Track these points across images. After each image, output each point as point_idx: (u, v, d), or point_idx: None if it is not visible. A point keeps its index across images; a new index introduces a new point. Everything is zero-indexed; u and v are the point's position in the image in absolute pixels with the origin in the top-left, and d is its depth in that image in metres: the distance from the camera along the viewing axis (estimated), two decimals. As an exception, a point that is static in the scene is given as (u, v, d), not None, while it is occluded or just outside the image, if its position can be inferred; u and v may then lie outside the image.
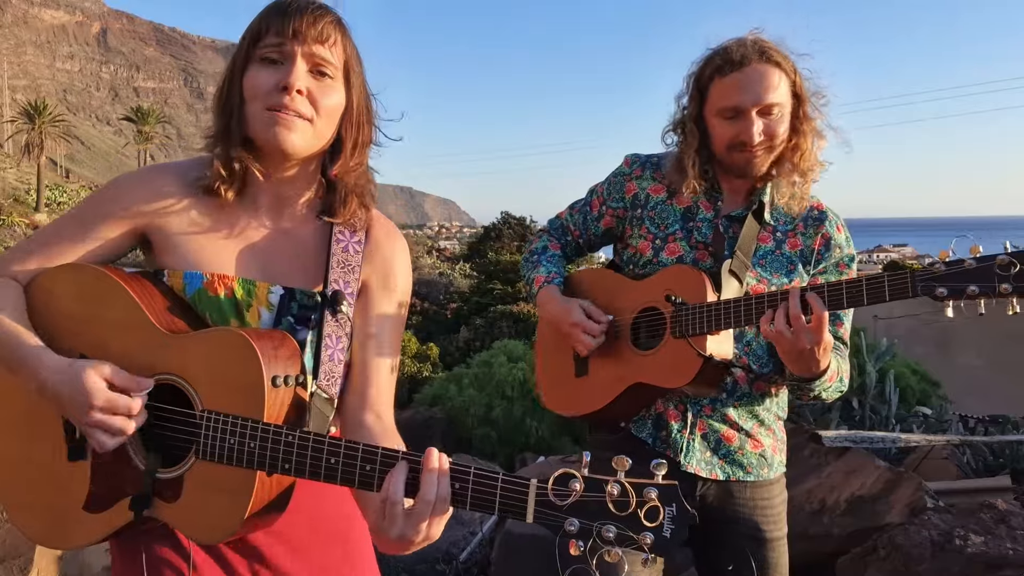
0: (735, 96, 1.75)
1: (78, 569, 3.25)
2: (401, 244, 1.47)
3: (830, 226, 1.89)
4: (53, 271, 1.29)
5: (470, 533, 4.61)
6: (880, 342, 5.70)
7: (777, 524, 1.90)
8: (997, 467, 4.11)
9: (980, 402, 7.49)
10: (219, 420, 1.17)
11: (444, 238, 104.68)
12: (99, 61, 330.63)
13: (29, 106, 68.77)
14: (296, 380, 1.23)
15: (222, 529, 1.18)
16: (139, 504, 1.20)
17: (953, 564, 2.67)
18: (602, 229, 2.06)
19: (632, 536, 1.01)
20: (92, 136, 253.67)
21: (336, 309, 1.32)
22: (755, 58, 1.74)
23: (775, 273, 1.86)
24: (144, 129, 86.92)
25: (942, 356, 10.96)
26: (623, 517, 1.02)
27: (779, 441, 1.96)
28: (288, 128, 1.26)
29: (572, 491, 1.03)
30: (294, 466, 1.14)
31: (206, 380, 1.20)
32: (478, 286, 24.58)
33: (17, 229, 46.63)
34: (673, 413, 1.86)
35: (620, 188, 2.00)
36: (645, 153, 2.02)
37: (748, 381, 1.86)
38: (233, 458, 1.16)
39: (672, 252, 1.88)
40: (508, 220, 30.30)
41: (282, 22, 1.24)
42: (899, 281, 1.52)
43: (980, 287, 1.46)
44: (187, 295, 1.29)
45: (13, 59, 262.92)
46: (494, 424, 9.14)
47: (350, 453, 1.13)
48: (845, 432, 3.79)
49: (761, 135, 1.76)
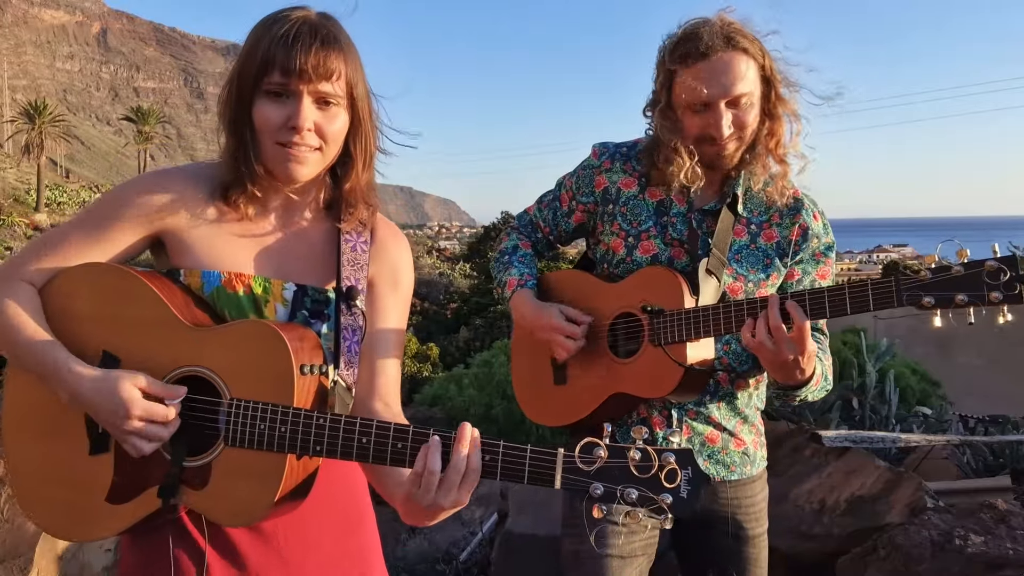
0: (701, 89, 1.66)
1: (78, 569, 3.25)
2: (405, 244, 1.54)
3: (807, 215, 1.82)
4: (72, 271, 1.31)
5: (470, 533, 4.61)
6: (880, 342, 5.70)
7: (759, 520, 1.89)
8: (997, 467, 4.11)
9: (980, 402, 7.49)
10: (248, 407, 1.21)
11: (444, 238, 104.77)
12: (99, 61, 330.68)
13: (29, 106, 68.80)
14: (320, 369, 1.28)
15: (251, 513, 1.22)
16: (167, 492, 1.23)
17: (953, 564, 2.66)
18: (573, 225, 1.99)
19: (652, 497, 1.09)
20: (92, 136, 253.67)
21: (351, 304, 1.38)
22: (720, 46, 1.66)
23: (751, 269, 1.80)
24: (144, 129, 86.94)
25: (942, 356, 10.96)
26: (644, 480, 1.09)
27: (760, 436, 1.93)
28: (300, 163, 1.32)
29: (597, 458, 1.10)
30: (326, 447, 1.19)
31: (233, 371, 1.24)
32: (478, 286, 24.58)
33: (17, 229, 46.61)
34: (658, 420, 1.81)
35: (589, 182, 1.91)
36: (614, 142, 1.93)
37: (730, 381, 1.82)
38: (264, 443, 1.19)
39: (646, 250, 1.82)
40: (508, 220, 30.26)
41: (287, 59, 1.26)
42: (883, 290, 1.46)
43: (969, 296, 1.39)
44: (205, 293, 1.34)
45: (13, 59, 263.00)
46: (494, 424, 9.13)
47: (382, 432, 1.18)
48: (845, 432, 3.78)
49: (730, 127, 1.69)
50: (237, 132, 1.33)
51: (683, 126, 1.74)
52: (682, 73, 1.70)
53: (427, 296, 26.24)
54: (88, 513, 1.28)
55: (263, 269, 1.38)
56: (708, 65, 1.66)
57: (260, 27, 1.31)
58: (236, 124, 1.32)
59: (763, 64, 1.71)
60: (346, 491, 1.46)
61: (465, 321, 21.53)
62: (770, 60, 1.71)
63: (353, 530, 1.47)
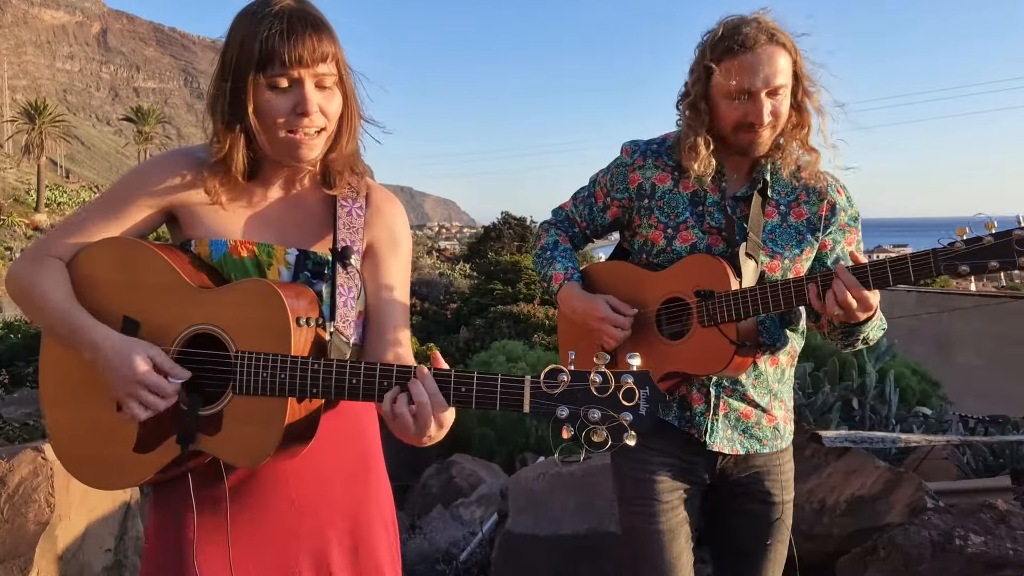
0: (746, 78, 1.79)
1: (78, 569, 3.25)
2: (400, 208, 1.64)
3: (831, 191, 1.96)
4: (93, 246, 1.46)
5: (470, 533, 4.61)
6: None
7: (785, 488, 2.01)
8: (997, 467, 4.11)
9: (980, 402, 7.50)
10: (252, 358, 1.33)
11: (444, 238, 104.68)
12: (99, 61, 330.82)
13: (29, 106, 68.78)
14: (316, 322, 1.40)
15: (259, 453, 1.34)
16: (185, 440, 1.36)
17: (953, 564, 2.67)
18: (609, 220, 2.11)
19: (613, 415, 1.18)
20: (92, 136, 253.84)
21: (346, 263, 1.49)
22: (764, 40, 1.79)
23: (786, 246, 1.93)
24: (144, 129, 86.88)
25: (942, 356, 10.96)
26: (604, 399, 1.19)
27: (789, 412, 2.06)
28: (310, 148, 1.44)
29: (561, 382, 1.21)
30: (321, 389, 1.31)
31: (237, 326, 1.37)
32: (478, 286, 24.55)
33: (17, 229, 46.60)
34: (696, 396, 1.94)
35: (623, 179, 2.02)
36: (643, 140, 2.05)
37: (764, 359, 1.94)
38: (267, 389, 1.32)
39: (685, 240, 1.94)
40: (508, 220, 30.27)
41: (286, 51, 1.35)
42: (922, 262, 1.60)
43: (1000, 262, 1.54)
44: (213, 260, 1.46)
45: (13, 59, 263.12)
46: (493, 424, 9.12)
47: (369, 372, 1.30)
48: (845, 432, 3.78)
49: (769, 115, 1.81)
50: (235, 126, 1.41)
51: (720, 115, 1.86)
52: (726, 64, 1.81)
53: (427, 296, 26.22)
54: (119, 463, 1.41)
55: (266, 236, 1.50)
56: (753, 57, 1.79)
57: (244, 20, 1.39)
58: (234, 117, 1.40)
59: (795, 60, 1.84)
60: (357, 438, 1.58)
61: (465, 321, 21.51)
62: (800, 58, 1.85)
63: (363, 476, 1.58)
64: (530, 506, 3.94)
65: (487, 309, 21.33)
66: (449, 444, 9.27)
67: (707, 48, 1.86)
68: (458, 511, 5.35)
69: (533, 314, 19.42)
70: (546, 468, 4.20)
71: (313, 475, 1.51)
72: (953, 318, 12.98)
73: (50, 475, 3.16)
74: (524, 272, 22.59)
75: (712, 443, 1.92)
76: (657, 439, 1.95)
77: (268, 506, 1.47)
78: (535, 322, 19.05)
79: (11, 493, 3.09)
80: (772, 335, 1.95)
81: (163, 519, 1.48)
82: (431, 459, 8.11)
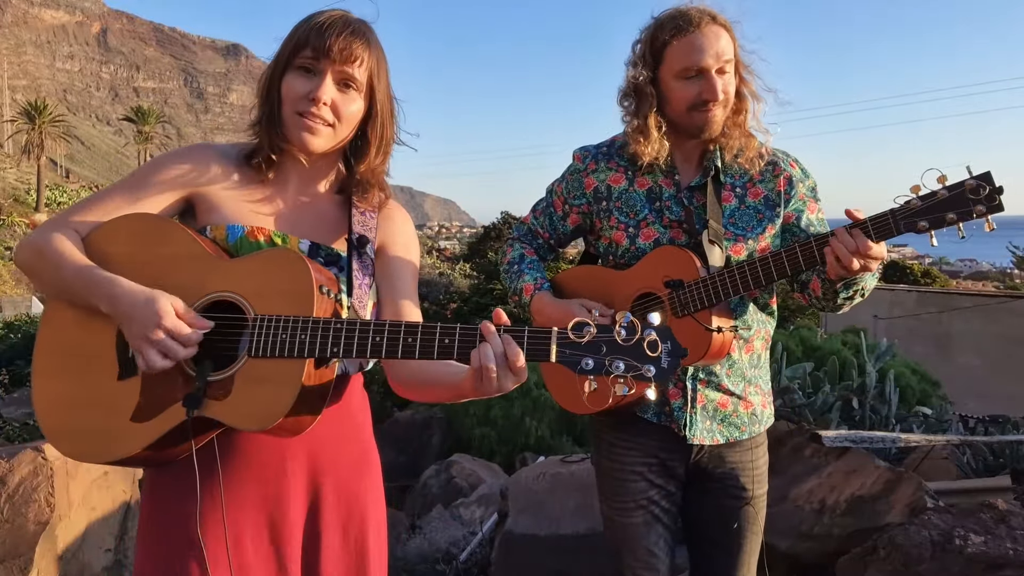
0: (696, 55, 1.82)
1: (78, 569, 3.25)
2: (409, 221, 1.70)
3: (784, 166, 1.98)
4: (111, 222, 1.46)
5: (470, 533, 4.61)
6: (880, 342, 5.70)
7: (758, 483, 2.04)
8: (997, 467, 4.11)
9: (980, 402, 7.50)
10: (271, 320, 1.32)
11: (444, 238, 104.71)
12: (99, 61, 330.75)
13: (29, 106, 68.76)
14: (336, 296, 1.41)
15: (270, 414, 1.31)
16: (192, 403, 1.33)
17: (953, 564, 2.67)
18: (571, 227, 2.13)
19: (636, 366, 1.20)
20: (92, 136, 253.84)
21: (361, 251, 1.54)
22: (708, 19, 1.83)
23: (747, 227, 1.95)
24: (144, 129, 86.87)
25: (942, 356, 10.97)
26: (628, 349, 1.21)
27: (766, 395, 2.08)
28: (313, 133, 1.47)
29: (587, 333, 1.22)
30: (343, 347, 1.31)
31: (257, 292, 1.36)
32: (478, 286, 24.56)
33: (17, 229, 46.60)
34: (673, 391, 1.95)
35: (579, 185, 2.04)
36: (592, 145, 2.07)
37: (738, 346, 1.96)
38: (286, 350, 1.30)
39: (648, 237, 1.95)
40: (508, 220, 30.27)
41: (319, 40, 1.44)
42: (882, 223, 1.62)
43: (957, 213, 1.56)
44: (229, 243, 1.47)
45: (13, 59, 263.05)
46: (493, 424, 9.13)
47: (394, 329, 1.30)
48: (845, 432, 3.78)
49: (722, 92, 1.84)
50: (267, 102, 1.50)
51: (672, 98, 1.88)
52: (674, 45, 1.84)
53: (427, 296, 26.22)
54: (113, 434, 1.37)
55: (280, 226, 1.53)
56: (700, 34, 1.82)
57: (303, 20, 1.50)
58: (268, 95, 1.50)
59: (734, 44, 1.88)
60: (355, 432, 1.59)
61: (465, 321, 21.49)
62: (736, 43, 1.89)
63: (361, 472, 1.59)
64: (530, 506, 3.94)
65: (487, 309, 21.33)
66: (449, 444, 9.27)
67: (653, 33, 1.88)
68: (458, 511, 5.35)
69: (533, 314, 19.40)
70: (546, 468, 4.20)
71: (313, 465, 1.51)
72: (953, 318, 13.00)
73: (50, 475, 3.16)
74: (524, 272, 22.53)
75: (692, 436, 1.94)
76: (636, 438, 1.98)
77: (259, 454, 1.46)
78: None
79: (11, 493, 3.09)
80: (745, 322, 1.96)
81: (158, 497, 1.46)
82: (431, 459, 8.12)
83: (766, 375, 2.08)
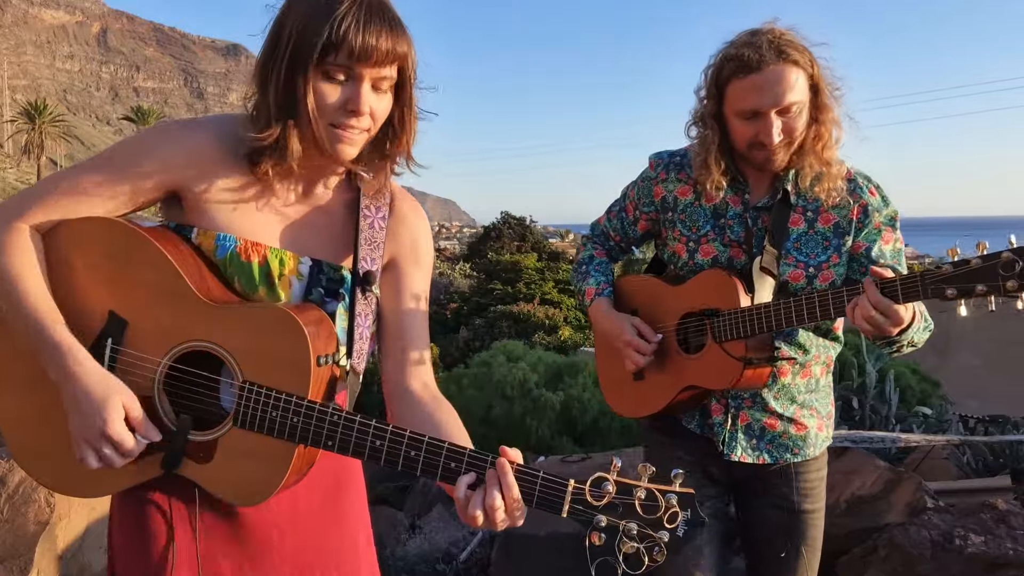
0: (753, 99, 1.76)
1: (78, 569, 3.25)
2: (423, 217, 1.53)
3: (863, 193, 1.90)
4: (76, 223, 1.26)
5: (470, 533, 4.61)
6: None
7: (808, 497, 1.97)
8: (997, 467, 4.11)
9: (980, 402, 7.49)
10: (262, 393, 1.21)
11: (444, 238, 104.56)
12: (99, 61, 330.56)
13: (29, 106, 68.78)
14: (334, 358, 1.29)
15: (258, 493, 1.23)
16: (170, 463, 1.24)
17: (953, 564, 2.67)
18: (640, 232, 2.15)
19: (652, 534, 1.14)
20: (92, 136, 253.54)
21: (367, 289, 1.38)
22: (772, 59, 1.74)
23: (811, 254, 1.89)
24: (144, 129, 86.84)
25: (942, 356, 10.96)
26: (648, 519, 1.14)
27: (824, 419, 2.02)
28: (351, 145, 1.30)
29: (605, 493, 1.15)
30: (338, 444, 1.21)
31: (248, 352, 1.23)
32: (478, 286, 24.57)
33: (17, 229, 46.45)
34: (716, 407, 1.95)
35: (649, 192, 2.05)
36: (668, 151, 2.05)
37: (792, 372, 1.93)
38: (275, 430, 1.20)
39: (706, 253, 1.95)
40: (508, 220, 30.26)
41: (358, 44, 1.22)
42: (911, 284, 1.57)
43: (987, 285, 1.49)
44: (217, 257, 1.31)
45: (13, 59, 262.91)
46: (494, 424, 9.11)
47: (396, 438, 1.20)
48: (845, 432, 3.78)
49: (780, 134, 1.78)
50: (283, 106, 1.26)
51: (734, 133, 1.85)
52: (735, 85, 1.79)
53: (427, 296, 26.19)
54: (91, 471, 1.24)
55: (280, 241, 1.35)
56: (761, 77, 1.74)
57: (320, 4, 1.24)
58: (286, 95, 1.26)
59: (811, 73, 1.79)
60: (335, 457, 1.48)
61: (465, 321, 21.50)
62: (818, 69, 1.80)
63: (341, 494, 1.47)
64: (530, 506, 3.94)
65: (487, 309, 21.33)
66: (449, 444, 9.24)
67: (719, 66, 1.83)
68: (458, 511, 5.33)
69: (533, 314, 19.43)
70: (546, 467, 4.19)
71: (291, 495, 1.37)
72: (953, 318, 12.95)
73: (50, 475, 3.15)
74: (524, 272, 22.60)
75: (730, 453, 1.93)
76: (683, 441, 1.99)
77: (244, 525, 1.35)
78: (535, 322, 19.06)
79: (11, 493, 3.09)
80: (801, 348, 1.93)
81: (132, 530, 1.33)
82: (431, 459, 8.07)
83: (825, 399, 2.04)
